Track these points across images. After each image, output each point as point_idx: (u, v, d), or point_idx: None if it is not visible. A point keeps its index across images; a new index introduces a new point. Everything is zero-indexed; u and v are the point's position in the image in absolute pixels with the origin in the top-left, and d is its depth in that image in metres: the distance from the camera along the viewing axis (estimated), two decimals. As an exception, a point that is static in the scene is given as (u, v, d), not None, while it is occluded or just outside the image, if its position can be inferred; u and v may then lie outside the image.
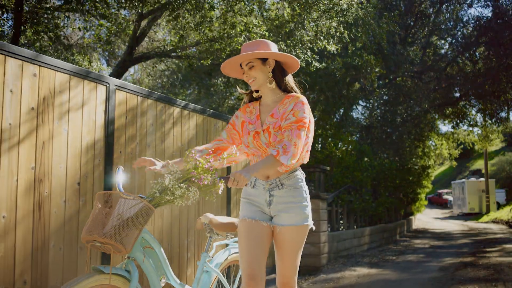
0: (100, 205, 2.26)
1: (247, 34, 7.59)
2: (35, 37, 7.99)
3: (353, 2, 8.15)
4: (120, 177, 2.53)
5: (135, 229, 2.26)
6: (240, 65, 2.51)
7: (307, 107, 2.38)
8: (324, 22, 7.70)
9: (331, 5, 7.63)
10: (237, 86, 2.73)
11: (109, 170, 3.78)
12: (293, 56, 2.46)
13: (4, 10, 7.04)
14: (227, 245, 3.48)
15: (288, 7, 7.70)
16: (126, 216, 2.23)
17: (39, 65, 3.28)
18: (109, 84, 3.86)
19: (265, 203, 2.42)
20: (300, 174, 2.45)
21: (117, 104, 3.95)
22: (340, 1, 7.73)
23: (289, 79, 2.51)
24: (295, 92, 2.48)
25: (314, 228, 2.50)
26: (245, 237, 2.36)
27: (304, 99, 2.39)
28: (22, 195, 3.13)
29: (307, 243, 7.28)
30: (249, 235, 2.35)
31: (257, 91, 2.53)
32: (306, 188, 2.46)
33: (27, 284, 3.12)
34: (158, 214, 4.29)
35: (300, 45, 7.60)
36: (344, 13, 7.92)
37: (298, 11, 7.64)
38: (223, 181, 2.22)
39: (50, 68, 3.36)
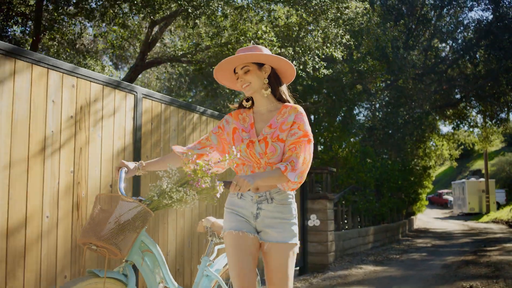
0: (99, 207, 2.23)
1: (256, 40, 7.85)
2: (50, 43, 8.27)
3: (358, 10, 8.42)
4: (122, 179, 2.40)
5: (133, 232, 2.22)
6: (234, 70, 2.38)
7: (306, 118, 2.31)
8: (331, 31, 7.95)
9: (338, 14, 7.90)
10: (230, 106, 2.69)
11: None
12: (290, 63, 2.33)
13: (23, 17, 7.31)
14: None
15: (296, 15, 7.96)
16: (124, 219, 2.18)
17: (77, 77, 3.55)
18: (137, 93, 4.13)
19: (251, 215, 2.29)
20: (291, 191, 2.33)
21: (143, 112, 4.23)
22: (346, 10, 8.00)
23: (284, 89, 2.39)
24: (289, 103, 2.38)
25: (298, 248, 2.36)
26: (234, 250, 2.25)
27: (302, 110, 2.31)
28: (62, 197, 3.40)
29: (315, 241, 7.55)
30: (238, 248, 2.24)
31: (247, 100, 2.41)
32: (295, 205, 2.34)
33: (67, 279, 3.40)
34: (180, 214, 4.56)
35: (308, 52, 7.86)
36: (351, 22, 8.19)
37: (306, 18, 7.90)
38: (223, 184, 2.16)
39: (86, 79, 3.63)
